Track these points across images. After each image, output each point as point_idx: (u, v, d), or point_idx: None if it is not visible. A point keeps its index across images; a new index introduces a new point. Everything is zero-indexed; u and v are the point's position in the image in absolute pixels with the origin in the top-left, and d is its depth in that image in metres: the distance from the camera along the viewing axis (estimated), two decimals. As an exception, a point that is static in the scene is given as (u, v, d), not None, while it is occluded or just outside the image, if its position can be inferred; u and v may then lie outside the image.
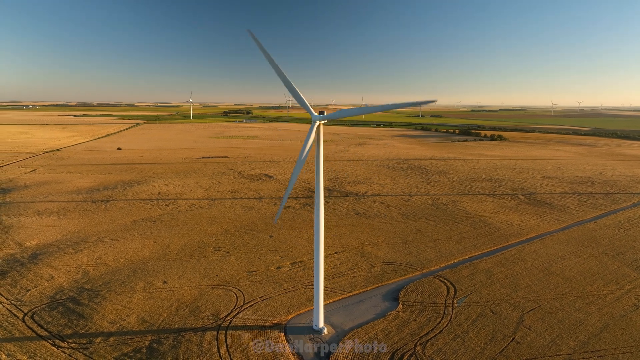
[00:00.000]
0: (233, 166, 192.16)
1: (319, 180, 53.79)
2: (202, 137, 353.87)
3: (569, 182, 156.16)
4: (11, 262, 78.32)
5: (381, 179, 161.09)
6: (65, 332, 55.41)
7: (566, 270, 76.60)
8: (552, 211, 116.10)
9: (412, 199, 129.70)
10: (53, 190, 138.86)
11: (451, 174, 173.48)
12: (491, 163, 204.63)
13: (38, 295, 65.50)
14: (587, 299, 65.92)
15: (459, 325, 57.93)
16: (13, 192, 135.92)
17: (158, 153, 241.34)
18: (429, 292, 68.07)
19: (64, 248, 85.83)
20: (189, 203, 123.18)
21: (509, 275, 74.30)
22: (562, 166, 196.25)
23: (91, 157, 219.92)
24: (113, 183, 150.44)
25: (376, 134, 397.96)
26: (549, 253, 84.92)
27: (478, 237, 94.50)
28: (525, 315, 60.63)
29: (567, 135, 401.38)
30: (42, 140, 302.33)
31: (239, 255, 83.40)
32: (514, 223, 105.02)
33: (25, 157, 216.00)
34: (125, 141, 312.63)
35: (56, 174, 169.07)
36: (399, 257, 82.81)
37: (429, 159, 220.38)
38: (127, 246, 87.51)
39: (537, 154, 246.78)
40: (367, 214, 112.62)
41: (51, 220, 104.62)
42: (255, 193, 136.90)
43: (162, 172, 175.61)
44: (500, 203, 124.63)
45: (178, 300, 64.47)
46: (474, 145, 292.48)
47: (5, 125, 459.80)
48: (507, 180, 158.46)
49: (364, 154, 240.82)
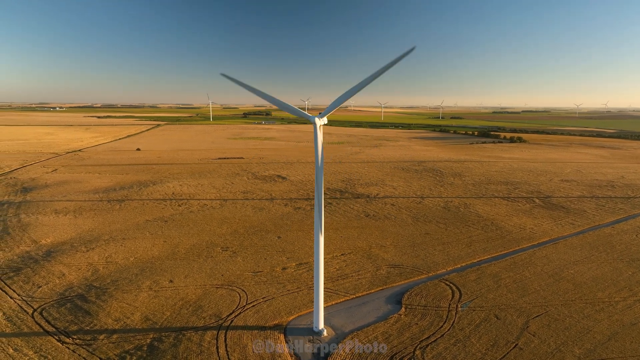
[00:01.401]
0: (248, 167, 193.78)
1: (319, 181, 53.82)
2: (220, 139, 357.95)
3: (588, 186, 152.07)
4: (26, 259, 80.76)
5: (394, 181, 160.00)
6: (71, 328, 56.83)
7: (577, 275, 74.65)
8: (567, 215, 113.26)
9: (424, 201, 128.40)
10: (72, 189, 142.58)
11: (466, 176, 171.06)
12: (508, 165, 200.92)
13: (48, 292, 67.35)
14: (597, 305, 64.08)
15: (461, 330, 57.07)
16: (34, 191, 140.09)
17: (175, 154, 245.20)
18: (433, 295, 67.28)
19: (77, 246, 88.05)
20: (201, 203, 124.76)
21: (517, 280, 72.82)
22: (582, 169, 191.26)
23: (111, 158, 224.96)
24: (129, 183, 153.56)
25: (393, 136, 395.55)
26: (560, 258, 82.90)
27: (488, 241, 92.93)
28: (531, 321, 59.31)
29: (591, 137, 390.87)
30: (65, 141, 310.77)
31: (246, 255, 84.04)
32: (526, 227, 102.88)
33: (48, 157, 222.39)
34: (144, 142, 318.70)
35: (76, 173, 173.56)
36: (405, 260, 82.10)
37: (444, 161, 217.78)
38: (138, 245, 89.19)
39: (557, 156, 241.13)
40: (377, 216, 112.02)
41: (67, 219, 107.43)
42: (267, 194, 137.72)
43: (177, 172, 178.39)
44: (514, 206, 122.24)
45: (182, 299, 65.37)
46: (492, 148, 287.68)
47: (33, 126, 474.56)
48: (523, 183, 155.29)
49: (379, 156, 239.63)
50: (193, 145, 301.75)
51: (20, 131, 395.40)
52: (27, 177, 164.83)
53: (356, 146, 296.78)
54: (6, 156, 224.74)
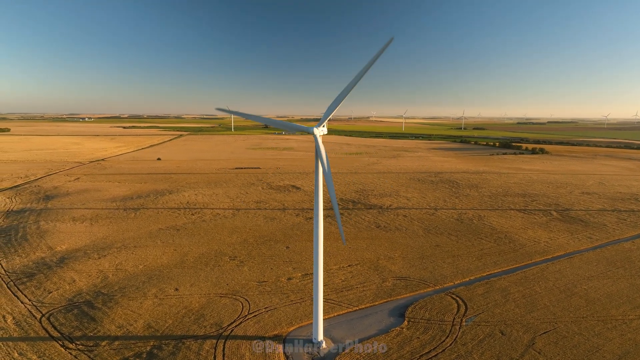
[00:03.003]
0: (263, 177, 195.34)
1: (318, 192, 53.81)
2: (239, 149, 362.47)
3: (610, 199, 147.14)
4: (40, 265, 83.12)
5: (409, 192, 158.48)
6: (75, 334, 58.01)
7: (591, 291, 72.03)
8: (585, 229, 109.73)
9: (437, 212, 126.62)
10: (91, 197, 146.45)
11: (483, 188, 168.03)
12: (527, 177, 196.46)
13: (58, 298, 69.04)
14: (609, 323, 61.62)
15: (463, 345, 55.70)
16: (55, 199, 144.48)
17: (194, 164, 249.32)
18: (438, 309, 65.98)
19: (90, 253, 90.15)
20: (214, 212, 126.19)
21: (526, 294, 70.77)
22: (606, 181, 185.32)
23: (131, 167, 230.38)
24: (146, 192, 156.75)
25: (412, 146, 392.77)
26: (574, 273, 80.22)
27: (500, 254, 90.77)
28: (538, 337, 57.42)
29: (618, 149, 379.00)
30: (90, 150, 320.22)
31: (253, 265, 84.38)
32: (541, 240, 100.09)
33: (72, 166, 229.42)
34: (166, 152, 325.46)
35: (96, 182, 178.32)
36: (413, 272, 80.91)
37: (462, 172, 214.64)
38: (148, 253, 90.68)
39: (580, 168, 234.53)
40: (388, 227, 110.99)
41: (83, 227, 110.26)
42: (279, 204, 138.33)
43: (194, 182, 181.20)
44: (530, 219, 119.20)
45: (186, 307, 65.97)
46: (512, 159, 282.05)
47: (62, 136, 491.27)
48: (542, 196, 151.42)
49: (395, 167, 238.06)
50: (212, 155, 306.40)
51: (50, 141, 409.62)
52: (50, 185, 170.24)
53: (374, 157, 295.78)
54: (33, 165, 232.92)
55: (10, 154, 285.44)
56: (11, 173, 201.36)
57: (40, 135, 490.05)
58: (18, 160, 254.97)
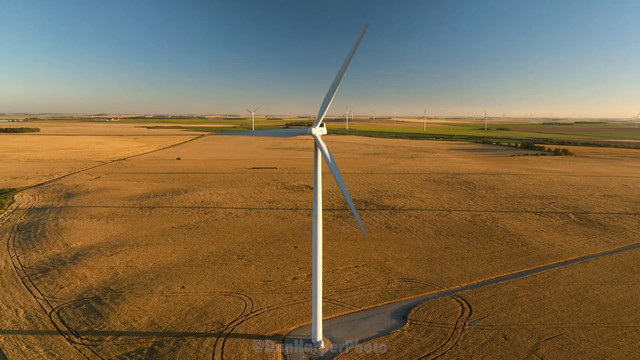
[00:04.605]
0: (279, 177, 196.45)
1: (317, 192, 53.97)
2: (258, 149, 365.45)
3: (633, 202, 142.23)
4: (55, 261, 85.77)
5: (423, 193, 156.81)
6: (82, 328, 59.65)
7: (603, 297, 69.85)
8: (603, 232, 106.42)
9: (450, 214, 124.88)
10: (109, 196, 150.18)
11: (500, 189, 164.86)
12: (547, 179, 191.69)
13: (69, 293, 71.11)
14: (619, 330, 59.63)
15: (464, 349, 54.84)
16: (75, 197, 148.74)
17: (212, 163, 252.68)
18: (441, 312, 65.14)
19: (103, 250, 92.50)
20: (227, 212, 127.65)
21: (534, 299, 69.14)
22: (630, 184, 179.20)
23: (151, 166, 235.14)
24: (163, 191, 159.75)
25: (432, 147, 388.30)
26: (587, 277, 77.92)
27: (511, 257, 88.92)
28: (542, 343, 56.03)
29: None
30: (113, 150, 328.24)
31: (260, 264, 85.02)
32: (555, 243, 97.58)
33: (94, 165, 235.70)
34: (186, 152, 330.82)
35: (116, 181, 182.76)
36: (419, 274, 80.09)
37: (480, 173, 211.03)
38: (159, 251, 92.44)
39: (604, 170, 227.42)
40: (398, 229, 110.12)
41: (99, 224, 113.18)
42: (292, 204, 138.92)
43: (210, 181, 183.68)
44: (546, 222, 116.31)
45: (190, 305, 66.99)
46: (534, 160, 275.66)
47: (87, 136, 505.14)
48: (560, 198, 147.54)
49: (412, 167, 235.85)
50: (231, 155, 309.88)
51: (76, 140, 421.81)
52: (72, 183, 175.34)
53: (391, 157, 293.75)
54: (58, 164, 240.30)
55: (38, 153, 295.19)
56: (37, 171, 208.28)
57: (67, 135, 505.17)
58: (44, 159, 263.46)
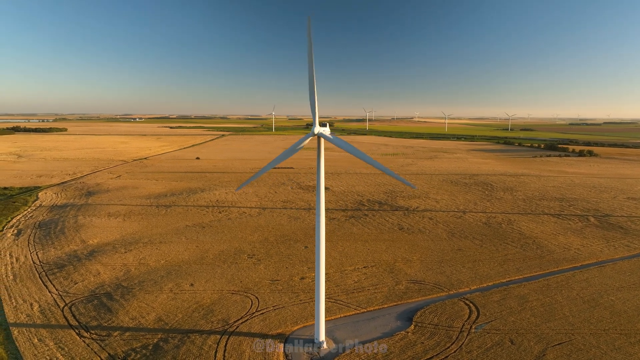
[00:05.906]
0: (295, 177, 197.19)
1: (320, 193, 54.09)
2: (277, 149, 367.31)
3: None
4: (71, 257, 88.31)
5: (439, 194, 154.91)
6: (92, 323, 61.28)
7: (618, 303, 67.64)
8: (624, 236, 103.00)
9: (465, 216, 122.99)
10: (128, 194, 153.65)
11: (518, 191, 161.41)
12: (569, 181, 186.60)
13: (82, 289, 73.12)
14: (633, 337, 57.64)
15: (468, 352, 53.98)
16: (96, 195, 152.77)
17: (231, 163, 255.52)
18: (448, 314, 64.27)
19: (118, 247, 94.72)
20: (241, 211, 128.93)
21: (545, 303, 67.48)
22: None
23: (170, 165, 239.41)
24: (180, 190, 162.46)
25: (452, 147, 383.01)
26: (603, 282, 75.58)
27: (524, 260, 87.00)
28: (550, 349, 54.66)
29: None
30: (136, 149, 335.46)
31: (269, 263, 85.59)
32: (572, 247, 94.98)
33: (116, 164, 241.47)
34: (205, 151, 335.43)
35: (136, 180, 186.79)
36: (428, 276, 79.20)
37: (499, 174, 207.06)
38: (171, 249, 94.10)
39: (630, 172, 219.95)
40: (411, 230, 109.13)
41: (116, 222, 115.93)
42: (306, 204, 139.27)
43: (227, 180, 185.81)
44: (564, 224, 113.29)
45: (197, 302, 67.98)
46: (556, 161, 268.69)
47: (112, 135, 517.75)
48: (581, 200, 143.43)
49: (430, 168, 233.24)
50: (250, 155, 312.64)
51: (100, 140, 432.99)
52: (93, 182, 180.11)
53: (410, 158, 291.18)
54: (82, 163, 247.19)
55: (64, 152, 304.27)
56: (61, 170, 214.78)
57: (93, 135, 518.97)
58: (69, 158, 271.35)
